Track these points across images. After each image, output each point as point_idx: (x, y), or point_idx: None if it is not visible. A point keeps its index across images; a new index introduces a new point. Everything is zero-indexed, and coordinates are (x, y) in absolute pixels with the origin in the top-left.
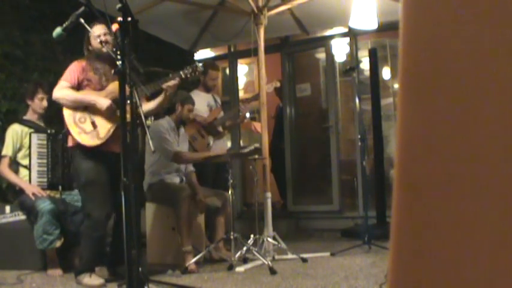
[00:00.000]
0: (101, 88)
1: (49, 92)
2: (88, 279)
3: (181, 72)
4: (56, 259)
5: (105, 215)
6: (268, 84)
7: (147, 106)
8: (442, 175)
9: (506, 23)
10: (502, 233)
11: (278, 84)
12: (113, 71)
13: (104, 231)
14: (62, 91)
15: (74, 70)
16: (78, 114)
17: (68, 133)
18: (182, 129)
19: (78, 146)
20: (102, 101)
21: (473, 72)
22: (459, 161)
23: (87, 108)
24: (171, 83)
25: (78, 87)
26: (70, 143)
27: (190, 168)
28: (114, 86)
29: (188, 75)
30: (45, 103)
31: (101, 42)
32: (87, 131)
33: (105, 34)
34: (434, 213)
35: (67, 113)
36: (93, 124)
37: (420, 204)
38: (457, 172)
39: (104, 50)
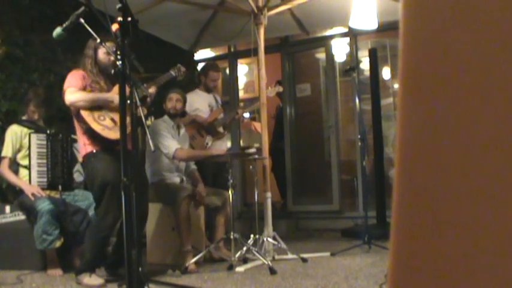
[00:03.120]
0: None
1: (41, 105)
2: (88, 279)
3: (171, 72)
4: (56, 259)
5: (113, 219)
6: (271, 89)
7: None
8: (442, 175)
9: (507, 23)
10: (503, 233)
11: (281, 89)
12: (112, 71)
13: (109, 233)
14: (75, 94)
15: (76, 77)
16: (97, 113)
17: (79, 139)
18: (183, 130)
19: (92, 151)
20: (118, 97)
21: (474, 72)
22: (460, 160)
23: (102, 107)
24: (150, 91)
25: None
26: (84, 152)
27: (192, 166)
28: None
29: (176, 74)
30: (36, 116)
31: (115, 61)
32: (110, 127)
33: (108, 54)
34: (434, 213)
35: (86, 114)
36: (113, 120)
37: (420, 204)
38: (457, 172)
39: (109, 68)
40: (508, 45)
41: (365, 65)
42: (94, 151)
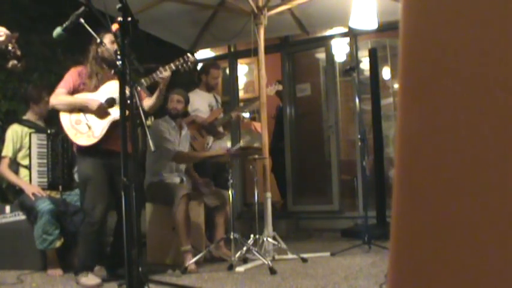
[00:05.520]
0: (96, 90)
1: (45, 104)
2: (85, 278)
3: (172, 64)
4: (56, 259)
5: (100, 212)
6: (270, 88)
7: (148, 102)
8: (442, 175)
9: (506, 23)
10: (502, 232)
11: (280, 88)
12: (112, 71)
13: (99, 228)
14: (57, 98)
15: (71, 76)
16: (74, 117)
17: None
18: (185, 130)
19: (79, 148)
20: (92, 102)
21: (473, 72)
22: (459, 160)
23: (82, 110)
24: (164, 74)
25: (74, 91)
26: (75, 147)
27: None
28: (107, 86)
29: (180, 67)
30: (43, 113)
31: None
32: (82, 132)
33: (112, 42)
34: (434, 213)
35: (64, 118)
36: (88, 125)
37: (420, 204)
38: (457, 172)
39: (114, 56)
40: (508, 45)
41: (365, 65)
42: (80, 149)
